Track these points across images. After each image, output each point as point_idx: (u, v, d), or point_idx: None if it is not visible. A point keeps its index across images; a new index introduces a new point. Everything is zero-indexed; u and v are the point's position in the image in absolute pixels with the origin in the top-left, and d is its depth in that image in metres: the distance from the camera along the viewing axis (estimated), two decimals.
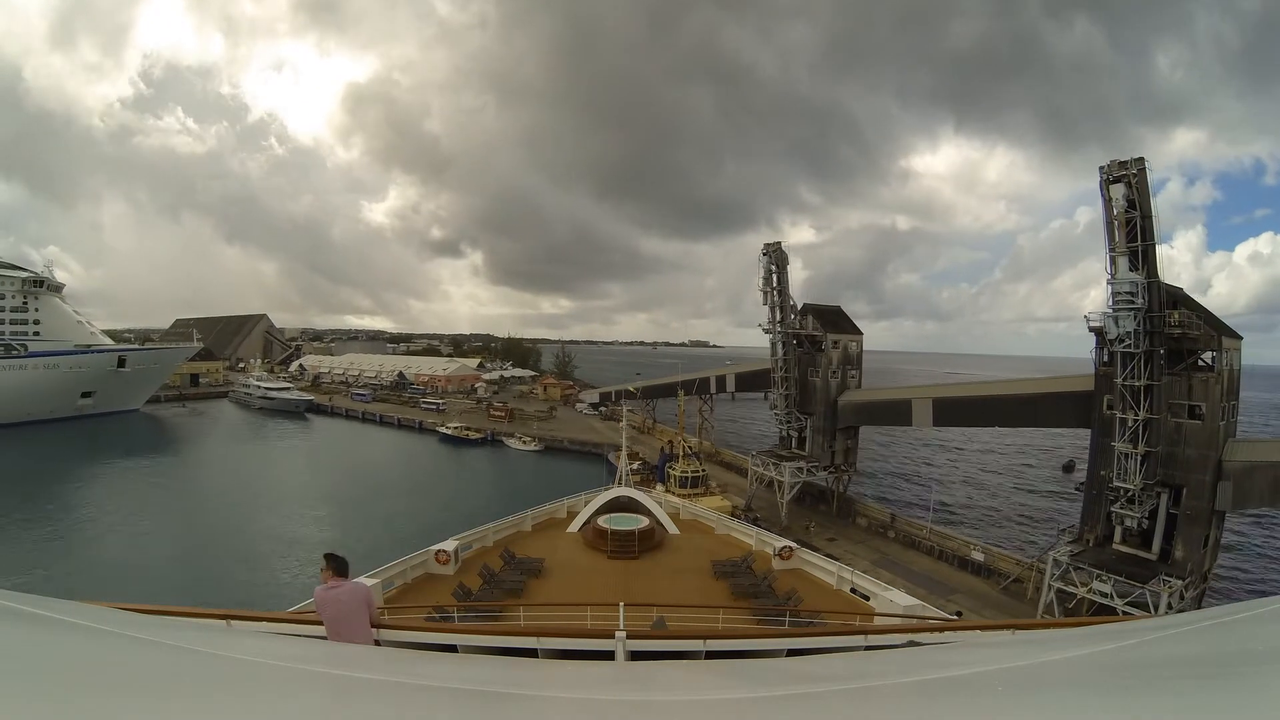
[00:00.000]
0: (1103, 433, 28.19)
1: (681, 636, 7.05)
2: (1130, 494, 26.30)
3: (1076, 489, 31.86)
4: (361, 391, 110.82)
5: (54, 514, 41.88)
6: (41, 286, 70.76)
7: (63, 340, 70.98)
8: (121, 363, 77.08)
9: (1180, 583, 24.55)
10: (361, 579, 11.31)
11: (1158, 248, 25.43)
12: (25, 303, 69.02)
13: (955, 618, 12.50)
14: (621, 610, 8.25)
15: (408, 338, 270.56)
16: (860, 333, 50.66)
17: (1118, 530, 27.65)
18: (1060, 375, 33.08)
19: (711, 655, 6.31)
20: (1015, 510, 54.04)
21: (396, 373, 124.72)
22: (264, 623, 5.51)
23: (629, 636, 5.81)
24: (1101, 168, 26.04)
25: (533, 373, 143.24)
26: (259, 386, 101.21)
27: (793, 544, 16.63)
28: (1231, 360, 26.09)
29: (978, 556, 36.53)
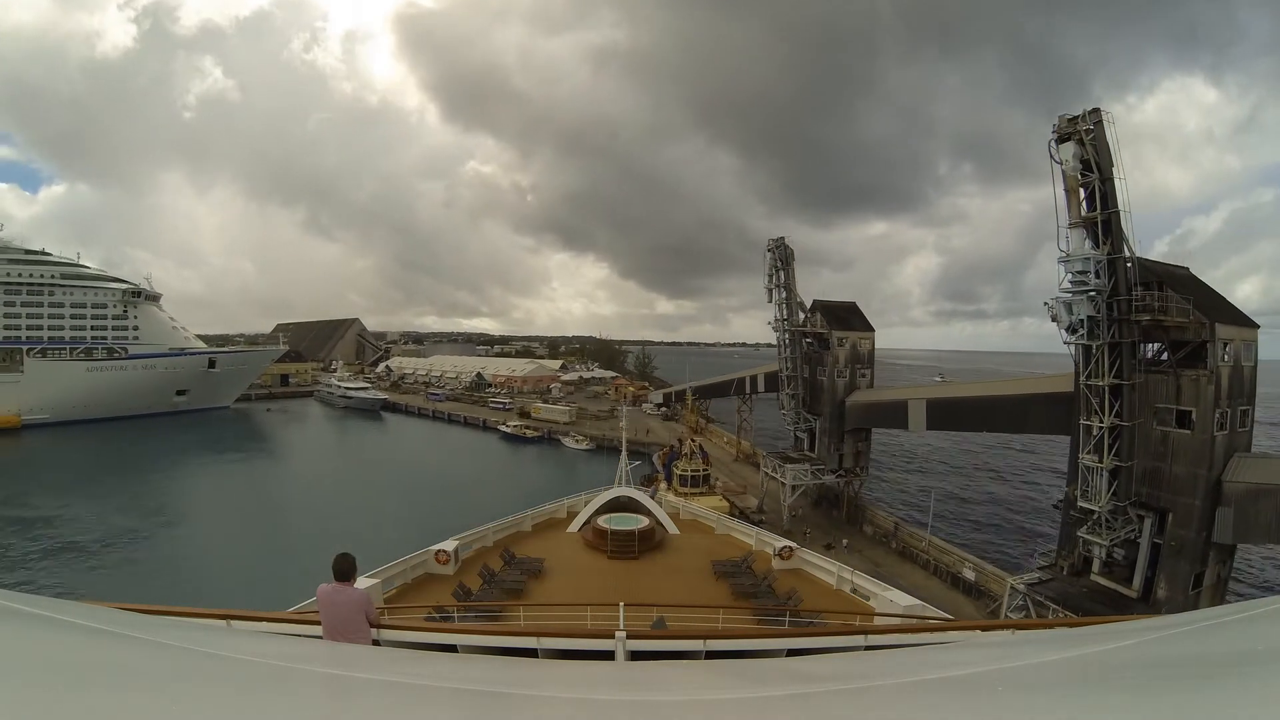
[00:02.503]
0: (1079, 442, 23.53)
1: (681, 636, 7.03)
2: (1097, 517, 21.73)
3: (1054, 506, 27.00)
4: (437, 392, 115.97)
5: (144, 494, 48.69)
6: (139, 296, 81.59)
7: (159, 344, 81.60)
8: (212, 364, 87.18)
9: None
10: (361, 578, 11.60)
11: (1124, 215, 20.81)
12: (125, 311, 79.77)
13: (954, 618, 12.18)
14: (621, 610, 8.30)
15: (506, 340, 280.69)
16: (872, 329, 47.81)
17: (1096, 559, 22.94)
18: (1049, 375, 28.10)
19: (711, 655, 6.27)
20: (1042, 521, 47.16)
21: (475, 373, 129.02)
22: (264, 622, 5.60)
23: (629, 637, 5.82)
24: (1055, 125, 21.74)
25: (614, 374, 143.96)
26: (339, 386, 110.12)
27: (793, 544, 16.44)
28: (1238, 354, 20.79)
29: (969, 575, 32.32)
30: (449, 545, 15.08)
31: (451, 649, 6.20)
